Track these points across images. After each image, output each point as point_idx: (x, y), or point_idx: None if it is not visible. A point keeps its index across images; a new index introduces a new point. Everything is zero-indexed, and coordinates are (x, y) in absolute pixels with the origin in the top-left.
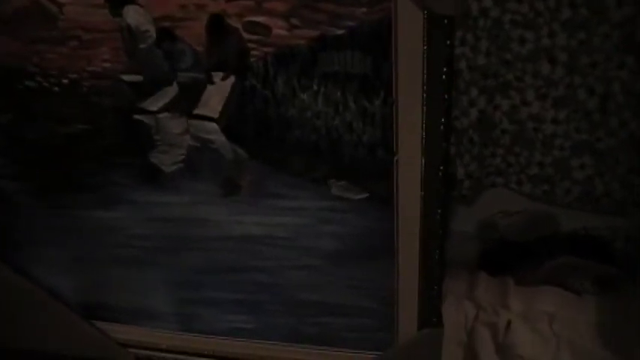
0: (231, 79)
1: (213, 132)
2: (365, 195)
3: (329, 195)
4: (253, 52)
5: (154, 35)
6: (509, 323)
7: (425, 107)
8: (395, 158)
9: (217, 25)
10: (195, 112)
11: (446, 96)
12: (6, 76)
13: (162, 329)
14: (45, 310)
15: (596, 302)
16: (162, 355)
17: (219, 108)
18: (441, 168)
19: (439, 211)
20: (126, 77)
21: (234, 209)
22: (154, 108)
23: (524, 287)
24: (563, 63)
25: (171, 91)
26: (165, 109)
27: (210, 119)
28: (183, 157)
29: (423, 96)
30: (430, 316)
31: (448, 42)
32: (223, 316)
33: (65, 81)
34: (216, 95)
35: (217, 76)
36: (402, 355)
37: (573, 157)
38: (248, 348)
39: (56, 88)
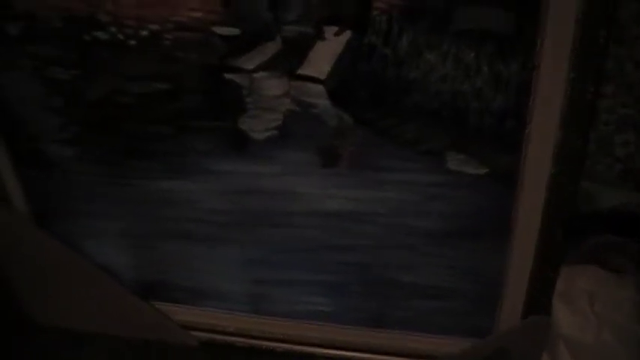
0: (347, 34)
1: (318, 95)
2: (484, 170)
3: (442, 169)
4: (376, 4)
5: None
6: None
7: (572, 74)
8: (526, 130)
9: None
10: (300, 71)
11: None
12: (72, 26)
13: (229, 311)
14: (99, 288)
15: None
16: (229, 338)
17: (328, 68)
18: (579, 144)
19: (570, 189)
20: (219, 30)
21: (329, 182)
22: (250, 66)
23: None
24: None
25: (273, 46)
26: (263, 67)
27: (317, 80)
28: (278, 122)
29: (570, 62)
30: (538, 303)
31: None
32: (300, 298)
33: (144, 33)
34: (326, 53)
35: (330, 30)
36: (503, 342)
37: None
38: (325, 332)
39: (132, 41)
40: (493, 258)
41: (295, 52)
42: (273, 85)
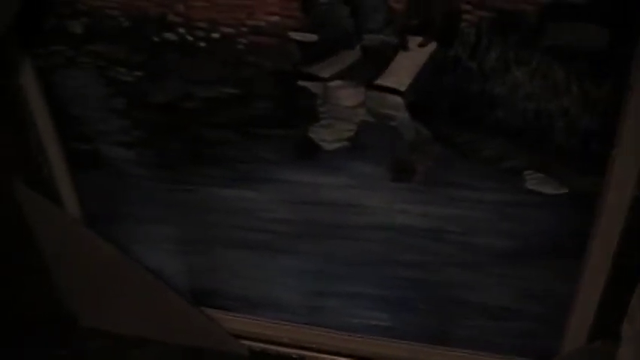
0: (432, 46)
1: (396, 107)
2: (563, 190)
3: (520, 188)
4: (465, 16)
5: None
6: None
7: None
8: (613, 152)
9: None
10: (378, 82)
11: None
12: (140, 26)
13: (283, 321)
14: (149, 293)
15: None
16: (281, 349)
17: (409, 80)
18: None
19: None
20: (296, 35)
21: (400, 197)
22: (326, 74)
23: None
24: None
25: (351, 55)
26: (339, 76)
27: (396, 92)
28: (351, 133)
29: None
30: (606, 327)
31: None
32: (357, 311)
33: (215, 35)
34: (408, 64)
35: (414, 41)
36: None
37: None
38: (381, 347)
39: (202, 44)
40: (563, 280)
41: (375, 61)
42: (348, 95)
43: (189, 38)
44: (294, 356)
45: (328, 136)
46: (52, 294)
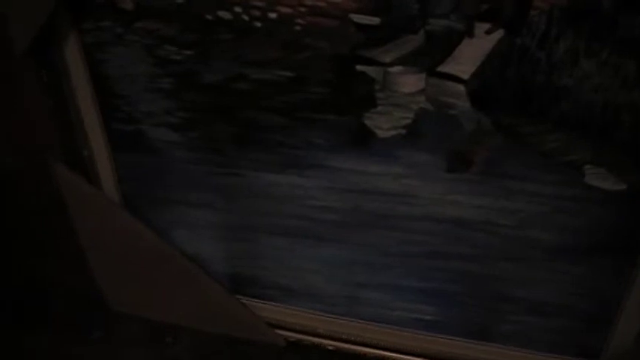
0: (499, 33)
1: (458, 95)
2: (622, 187)
3: (578, 182)
4: (536, 3)
5: None
6: None
7: None
8: None
9: None
10: (441, 69)
11: None
12: (193, 4)
13: (322, 312)
14: (185, 279)
15: None
16: (319, 340)
17: (473, 68)
18: None
19: None
20: (357, 18)
21: (454, 188)
22: (387, 59)
23: None
24: None
25: (414, 40)
26: (400, 61)
27: (458, 80)
28: (407, 121)
29: None
30: None
31: None
32: (399, 304)
33: (273, 15)
34: (473, 51)
35: (481, 27)
36: None
37: None
38: (422, 341)
39: (258, 24)
40: (615, 277)
41: (438, 47)
42: (408, 81)
43: (245, 18)
44: (329, 347)
45: (384, 123)
46: (87, 277)
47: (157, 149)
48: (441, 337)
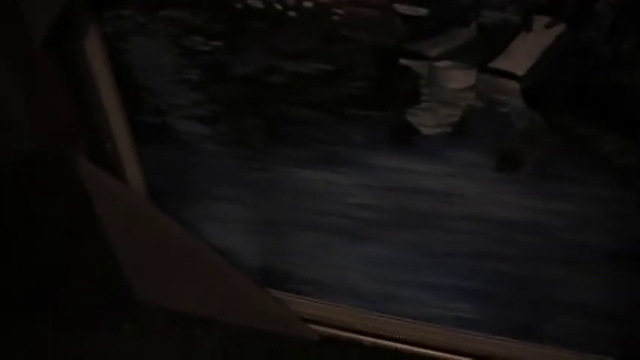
0: (559, 27)
1: (510, 93)
2: None
3: (633, 185)
4: None
5: None
6: None
7: None
8: None
9: None
10: (493, 65)
11: None
12: None
13: (357, 308)
14: (215, 272)
15: None
16: (354, 336)
17: (529, 64)
18: None
19: None
20: (402, 8)
21: (502, 188)
22: (434, 53)
23: None
24: None
25: (465, 33)
26: (447, 56)
27: (512, 76)
28: (454, 118)
29: None
30: None
31: None
32: (441, 303)
33: (308, 4)
34: (530, 46)
35: (539, 21)
36: None
37: None
38: (460, 339)
39: (292, 13)
40: None
41: (491, 41)
42: (457, 77)
43: (278, 7)
44: (366, 343)
45: (429, 120)
46: (115, 269)
47: (184, 142)
48: (480, 336)
